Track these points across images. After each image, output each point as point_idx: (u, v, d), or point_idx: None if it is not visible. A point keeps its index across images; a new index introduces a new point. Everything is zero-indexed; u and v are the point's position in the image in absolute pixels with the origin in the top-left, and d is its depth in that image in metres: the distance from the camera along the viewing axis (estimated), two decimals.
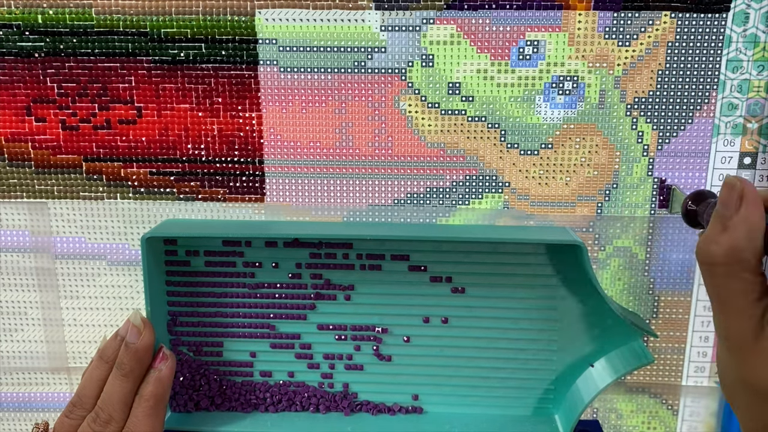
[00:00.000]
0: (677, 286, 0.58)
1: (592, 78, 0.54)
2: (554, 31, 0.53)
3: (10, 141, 0.56)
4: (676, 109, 0.54)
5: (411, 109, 0.55)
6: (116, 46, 0.54)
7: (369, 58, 0.54)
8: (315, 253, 0.51)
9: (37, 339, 0.61)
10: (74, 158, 0.57)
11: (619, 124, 0.55)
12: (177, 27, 0.54)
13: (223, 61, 0.54)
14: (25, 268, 0.59)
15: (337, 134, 0.56)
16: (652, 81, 0.54)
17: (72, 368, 0.61)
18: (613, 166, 0.56)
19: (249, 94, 0.55)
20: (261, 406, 0.53)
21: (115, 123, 0.56)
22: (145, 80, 0.55)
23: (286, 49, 0.54)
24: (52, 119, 0.56)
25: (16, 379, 0.62)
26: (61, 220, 0.58)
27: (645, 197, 0.56)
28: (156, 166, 0.57)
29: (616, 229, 0.57)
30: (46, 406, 0.62)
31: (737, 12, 0.52)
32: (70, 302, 0.60)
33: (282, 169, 0.57)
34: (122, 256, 0.59)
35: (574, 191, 0.56)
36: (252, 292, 0.52)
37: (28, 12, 0.54)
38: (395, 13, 0.53)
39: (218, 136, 0.56)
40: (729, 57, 0.53)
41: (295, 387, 0.54)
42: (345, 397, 0.53)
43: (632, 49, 0.53)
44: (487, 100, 0.55)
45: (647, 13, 0.53)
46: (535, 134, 0.55)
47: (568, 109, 0.55)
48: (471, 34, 0.54)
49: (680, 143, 0.55)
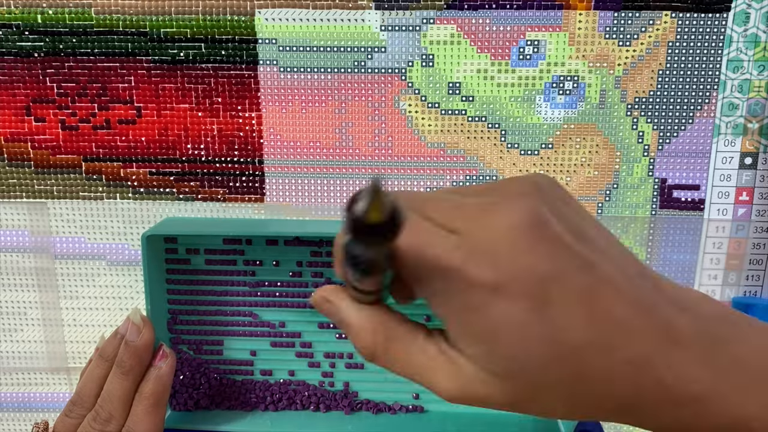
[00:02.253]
0: None
1: (593, 78, 0.54)
2: (554, 31, 0.53)
3: (10, 141, 0.56)
4: (677, 109, 0.54)
5: (411, 109, 0.55)
6: (116, 46, 0.54)
7: (369, 58, 0.54)
8: (316, 251, 0.51)
9: (36, 339, 0.60)
10: (74, 158, 0.57)
11: (619, 124, 0.55)
12: (177, 27, 0.54)
13: (222, 61, 0.54)
14: (24, 268, 0.59)
15: (337, 134, 0.56)
16: (652, 81, 0.54)
17: (72, 368, 0.61)
18: (614, 166, 0.56)
19: (249, 94, 0.55)
20: (261, 405, 0.53)
21: (115, 123, 0.56)
22: (145, 80, 0.55)
23: (286, 49, 0.54)
24: (52, 119, 0.56)
25: (16, 380, 0.61)
26: (61, 220, 0.58)
27: (645, 197, 0.56)
28: (156, 166, 0.57)
29: (616, 229, 0.57)
30: (45, 406, 0.62)
31: (738, 12, 0.52)
32: (69, 302, 0.60)
33: (282, 169, 0.57)
34: (122, 256, 0.58)
35: (575, 191, 0.56)
36: (253, 291, 0.52)
37: (27, 12, 0.54)
38: (395, 12, 0.53)
39: (218, 136, 0.56)
40: (729, 57, 0.53)
41: (296, 386, 0.54)
42: (345, 396, 0.53)
43: (633, 49, 0.53)
44: (488, 100, 0.55)
45: (648, 13, 0.53)
46: (536, 134, 0.55)
47: (568, 109, 0.55)
48: (471, 33, 0.54)
49: (681, 143, 0.55)
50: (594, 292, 0.27)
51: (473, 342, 0.29)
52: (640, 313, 0.28)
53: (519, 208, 0.27)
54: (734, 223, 0.56)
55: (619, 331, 0.27)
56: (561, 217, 0.28)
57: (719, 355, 0.28)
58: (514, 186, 0.29)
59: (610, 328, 0.27)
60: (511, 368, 0.28)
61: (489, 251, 0.27)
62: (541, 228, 0.27)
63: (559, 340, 0.27)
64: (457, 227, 0.28)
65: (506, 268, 0.27)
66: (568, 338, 0.27)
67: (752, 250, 0.56)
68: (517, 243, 0.27)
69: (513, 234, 0.27)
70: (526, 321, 0.27)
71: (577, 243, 0.28)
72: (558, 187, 0.30)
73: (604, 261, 0.28)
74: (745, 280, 0.57)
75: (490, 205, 0.28)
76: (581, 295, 0.27)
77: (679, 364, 0.28)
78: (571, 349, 0.27)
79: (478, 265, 0.27)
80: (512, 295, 0.27)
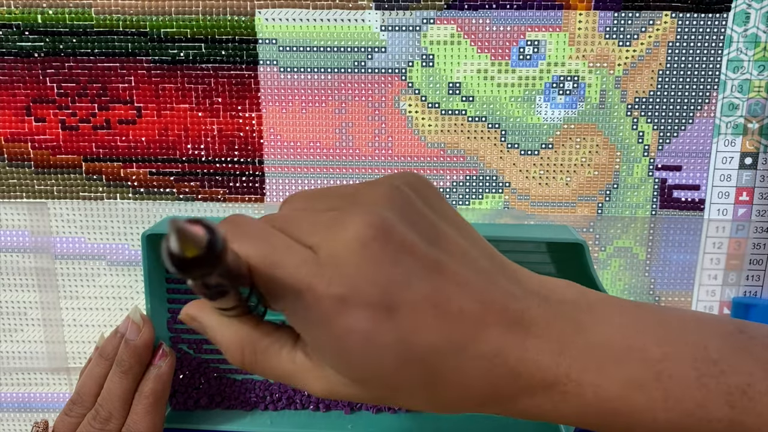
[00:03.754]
0: (677, 286, 0.58)
1: (593, 78, 0.54)
2: (555, 31, 0.53)
3: (10, 141, 0.56)
4: (677, 109, 0.54)
5: (411, 109, 0.55)
6: (116, 46, 0.54)
7: (369, 58, 0.54)
8: None
9: (36, 339, 0.60)
10: (74, 158, 0.57)
11: (619, 124, 0.55)
12: (177, 27, 0.54)
13: (223, 61, 0.54)
14: (24, 268, 0.59)
15: (337, 134, 0.56)
16: (652, 81, 0.54)
17: (72, 368, 0.61)
18: (614, 166, 0.56)
19: (249, 94, 0.55)
20: (261, 404, 0.53)
21: (115, 123, 0.56)
22: (145, 80, 0.55)
23: (286, 49, 0.54)
24: (52, 119, 0.56)
25: (16, 380, 0.61)
26: (61, 221, 0.58)
27: (646, 197, 0.56)
28: (156, 166, 0.57)
29: (616, 229, 0.57)
30: (45, 406, 0.62)
31: (738, 12, 0.52)
32: (69, 302, 0.60)
33: (282, 169, 0.57)
34: (122, 256, 0.58)
35: (575, 191, 0.56)
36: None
37: (27, 12, 0.54)
38: (395, 13, 0.53)
39: (218, 136, 0.56)
40: (730, 57, 0.53)
41: None
42: None
43: (633, 49, 0.53)
44: (488, 100, 0.55)
45: (648, 13, 0.53)
46: (536, 134, 0.55)
47: (568, 109, 0.55)
48: (471, 34, 0.54)
49: (681, 143, 0.55)
50: (441, 292, 0.28)
51: (326, 354, 0.30)
52: (490, 308, 0.28)
53: (362, 219, 0.28)
54: (734, 223, 0.56)
55: (468, 329, 0.28)
56: (411, 222, 0.29)
57: (575, 339, 0.29)
58: (367, 193, 0.30)
59: (459, 326, 0.28)
60: (363, 375, 0.29)
61: (335, 265, 0.27)
62: (386, 236, 0.28)
63: (408, 345, 0.28)
64: (312, 242, 0.28)
65: (350, 280, 0.27)
66: (418, 342, 0.28)
67: (752, 250, 0.56)
68: (360, 254, 0.27)
69: (357, 245, 0.27)
70: (372, 329, 0.27)
71: (426, 246, 0.28)
72: (420, 186, 0.31)
73: (453, 261, 0.29)
74: (745, 280, 0.57)
75: (339, 216, 0.29)
76: (428, 298, 0.28)
77: (532, 354, 0.28)
78: (421, 352, 0.28)
79: (324, 279, 0.27)
80: (357, 305, 0.27)
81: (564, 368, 0.28)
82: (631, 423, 0.28)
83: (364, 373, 0.29)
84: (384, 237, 0.27)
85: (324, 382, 0.31)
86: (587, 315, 0.29)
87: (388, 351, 0.28)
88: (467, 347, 0.28)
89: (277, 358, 0.32)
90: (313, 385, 0.31)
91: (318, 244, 0.28)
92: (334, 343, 0.28)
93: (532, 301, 0.29)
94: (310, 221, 0.29)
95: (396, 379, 0.29)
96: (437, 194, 0.32)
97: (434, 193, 0.31)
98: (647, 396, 0.28)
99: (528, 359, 0.28)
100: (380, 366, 0.28)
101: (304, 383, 0.31)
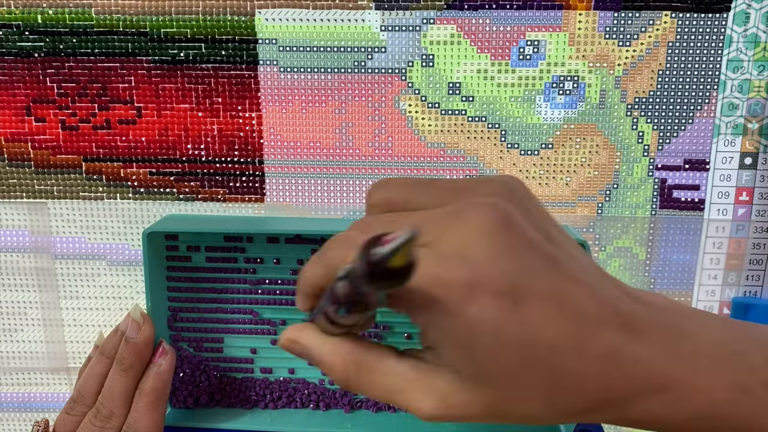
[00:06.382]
0: (677, 286, 0.58)
1: (593, 78, 0.54)
2: (554, 31, 0.53)
3: (10, 141, 0.56)
4: (677, 109, 0.55)
5: (411, 109, 0.55)
6: (116, 46, 0.54)
7: (369, 58, 0.54)
8: (317, 249, 0.51)
9: (36, 339, 0.60)
10: (74, 158, 0.57)
11: (619, 124, 0.55)
12: (177, 27, 0.54)
13: (223, 61, 0.55)
14: (24, 268, 0.59)
15: (337, 134, 0.56)
16: (652, 81, 0.54)
17: (72, 368, 0.61)
18: (614, 166, 0.56)
19: (249, 94, 0.55)
20: (261, 403, 0.53)
21: (115, 123, 0.56)
22: (145, 80, 0.55)
23: (286, 49, 0.54)
24: (52, 119, 0.56)
25: (16, 380, 0.61)
26: (61, 220, 0.58)
27: (645, 197, 0.56)
28: (156, 166, 0.57)
29: (616, 229, 0.57)
30: (46, 406, 0.62)
31: (738, 12, 0.52)
32: (69, 302, 0.60)
33: (282, 169, 0.57)
34: (122, 256, 0.59)
35: (575, 191, 0.56)
36: (253, 288, 0.52)
37: (27, 12, 0.54)
38: (395, 13, 0.53)
39: (218, 136, 0.56)
40: (729, 57, 0.53)
41: (296, 384, 0.54)
42: (345, 394, 0.53)
43: (632, 49, 0.53)
44: (488, 100, 0.55)
45: (647, 13, 0.53)
46: (536, 134, 0.55)
47: (568, 109, 0.55)
48: (471, 34, 0.54)
49: (681, 143, 0.55)
50: (562, 288, 0.28)
51: (451, 348, 0.29)
52: (604, 307, 0.28)
53: (486, 210, 0.28)
54: (734, 223, 0.56)
55: (586, 326, 0.28)
56: (528, 217, 0.29)
57: (683, 343, 0.29)
58: (483, 188, 0.30)
59: (578, 323, 0.28)
60: (489, 371, 0.29)
61: (459, 254, 0.27)
62: (510, 227, 0.28)
63: (534, 340, 0.27)
64: (426, 241, 0.28)
65: (477, 267, 0.27)
66: (542, 337, 0.27)
67: (752, 250, 0.56)
68: (485, 243, 0.27)
69: (481, 235, 0.27)
70: (501, 321, 0.27)
71: (544, 242, 0.29)
72: (526, 189, 0.31)
73: (568, 259, 0.29)
74: (745, 280, 0.57)
75: (455, 211, 0.29)
76: (551, 292, 0.28)
77: (644, 356, 0.28)
78: (545, 348, 0.28)
79: (451, 267, 0.27)
80: (485, 292, 0.27)
81: (676, 372, 0.28)
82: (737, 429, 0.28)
83: (490, 369, 0.28)
84: (508, 228, 0.28)
85: (434, 393, 0.30)
86: (689, 320, 0.30)
87: (514, 345, 0.27)
88: (585, 346, 0.28)
89: (381, 372, 0.31)
90: (421, 400, 0.30)
91: (434, 240, 0.28)
92: (464, 332, 0.28)
93: (637, 305, 0.29)
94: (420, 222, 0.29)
95: (517, 378, 0.28)
96: (536, 197, 0.32)
97: (534, 196, 0.32)
98: (756, 400, 0.28)
99: (641, 361, 0.28)
100: (506, 360, 0.28)
101: (409, 398, 0.30)
